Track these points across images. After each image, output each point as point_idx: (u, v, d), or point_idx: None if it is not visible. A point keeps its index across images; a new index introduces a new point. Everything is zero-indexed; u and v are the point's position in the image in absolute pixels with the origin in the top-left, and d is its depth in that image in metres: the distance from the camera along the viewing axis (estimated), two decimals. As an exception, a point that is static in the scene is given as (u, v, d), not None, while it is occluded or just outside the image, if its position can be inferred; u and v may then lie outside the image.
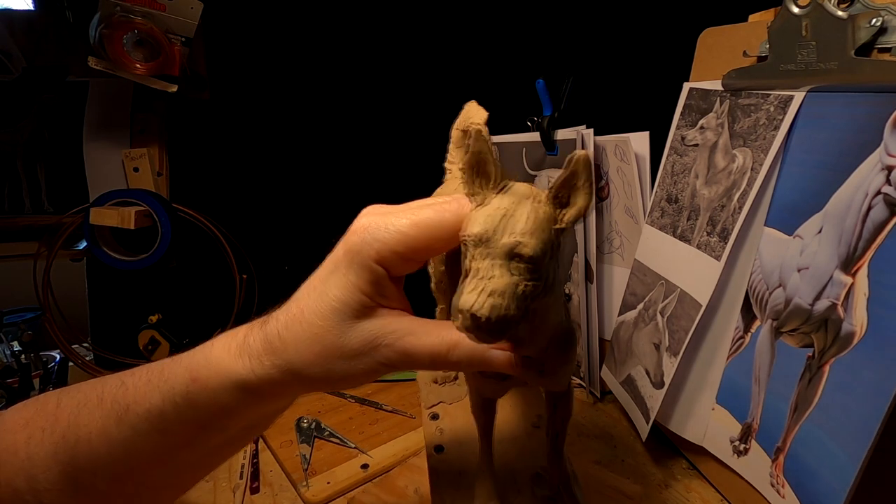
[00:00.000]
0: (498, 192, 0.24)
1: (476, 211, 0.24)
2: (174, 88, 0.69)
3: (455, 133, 0.63)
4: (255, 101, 0.87)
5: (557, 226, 0.25)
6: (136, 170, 0.75)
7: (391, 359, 0.25)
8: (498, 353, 0.25)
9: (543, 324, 0.31)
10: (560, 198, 0.25)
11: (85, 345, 0.80)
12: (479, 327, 0.22)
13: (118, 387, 0.28)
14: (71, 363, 0.73)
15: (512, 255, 0.23)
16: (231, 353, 0.26)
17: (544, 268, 0.24)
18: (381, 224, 0.25)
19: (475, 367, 0.25)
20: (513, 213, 0.23)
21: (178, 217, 0.75)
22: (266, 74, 0.86)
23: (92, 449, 0.27)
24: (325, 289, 0.25)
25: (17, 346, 0.73)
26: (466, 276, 0.23)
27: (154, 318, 0.76)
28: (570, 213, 0.25)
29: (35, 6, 0.81)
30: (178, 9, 0.67)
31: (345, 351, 0.24)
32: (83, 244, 0.75)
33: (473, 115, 0.59)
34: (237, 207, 0.83)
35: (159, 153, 0.77)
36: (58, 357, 0.72)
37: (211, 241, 0.77)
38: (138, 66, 0.66)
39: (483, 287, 0.22)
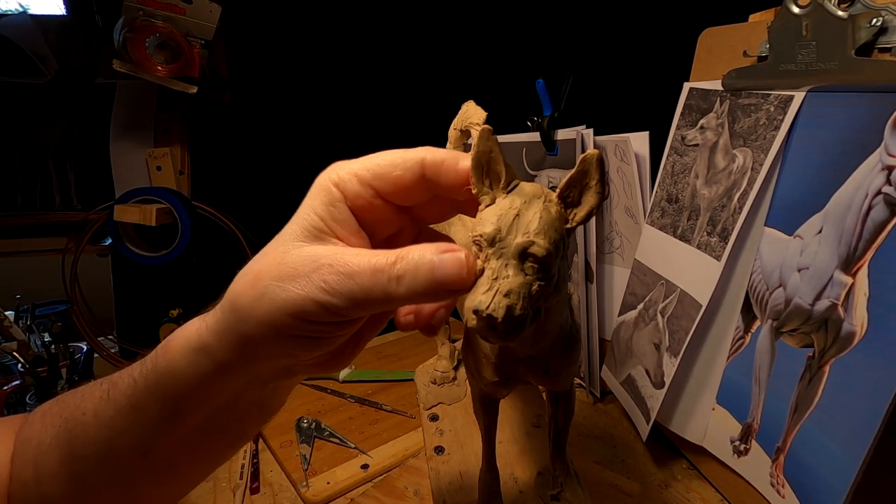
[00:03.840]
0: (507, 192, 0.24)
1: (486, 210, 0.24)
2: (194, 90, 0.71)
3: (453, 133, 0.63)
4: (274, 102, 0.88)
5: (568, 225, 0.24)
6: (158, 168, 0.77)
7: (329, 282, 0.21)
8: (447, 257, 0.21)
9: (548, 324, 0.31)
10: (569, 197, 0.25)
11: (110, 337, 0.82)
12: (494, 328, 0.22)
13: (122, 368, 0.27)
14: (96, 355, 0.75)
15: (525, 254, 0.23)
16: (190, 324, 0.25)
17: (555, 267, 0.24)
18: (344, 162, 0.24)
19: (422, 284, 0.21)
20: (524, 213, 0.23)
21: (197, 214, 0.77)
22: (285, 76, 0.88)
23: (85, 431, 0.26)
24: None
25: (47, 337, 0.75)
26: (479, 275, 0.23)
27: (175, 313, 0.78)
28: (580, 213, 0.25)
29: (67, 11, 0.84)
30: (198, 12, 0.69)
31: (283, 269, 0.22)
32: (110, 240, 0.77)
33: (472, 114, 0.59)
34: (256, 205, 0.85)
35: (181, 152, 0.79)
36: (84, 348, 0.74)
37: (230, 238, 0.79)
38: (160, 68, 0.68)
39: (497, 287, 0.22)
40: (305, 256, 0.22)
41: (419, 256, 0.21)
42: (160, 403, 0.25)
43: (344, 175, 0.23)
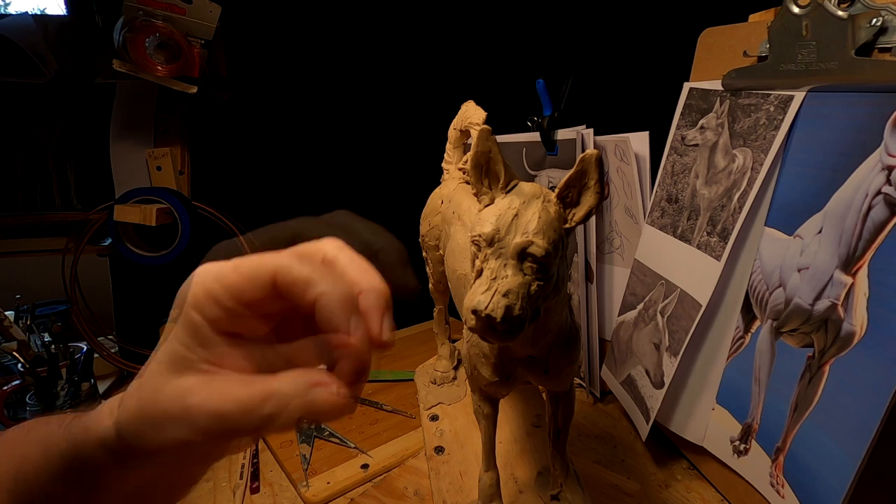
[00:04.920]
0: (506, 192, 0.24)
1: (485, 210, 0.24)
2: (194, 90, 0.71)
3: (452, 133, 0.63)
4: (274, 102, 0.88)
5: (567, 225, 0.24)
6: (158, 168, 0.77)
7: (201, 425, 0.21)
8: (319, 393, 0.21)
9: (548, 323, 0.31)
10: (568, 197, 0.25)
11: (110, 337, 0.82)
12: (493, 328, 0.22)
13: (60, 426, 0.26)
14: (96, 355, 0.75)
15: (523, 254, 0.23)
16: (115, 400, 0.24)
17: (553, 267, 0.24)
18: (207, 269, 0.22)
19: (297, 416, 0.21)
20: (523, 213, 0.23)
21: (197, 214, 0.76)
22: (284, 76, 0.88)
23: (28, 490, 0.25)
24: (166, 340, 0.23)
25: (47, 337, 0.75)
26: (477, 276, 0.23)
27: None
28: (579, 213, 0.25)
29: (67, 11, 0.84)
30: (198, 12, 0.69)
31: (156, 409, 0.21)
32: (110, 240, 0.77)
33: (471, 114, 0.59)
34: (255, 205, 0.85)
35: (181, 152, 0.79)
36: (84, 348, 0.74)
37: (230, 238, 0.78)
38: (160, 67, 0.68)
39: (496, 287, 0.22)
40: (173, 396, 0.21)
41: (290, 391, 0.20)
42: (63, 482, 0.24)
43: (202, 298, 0.22)
